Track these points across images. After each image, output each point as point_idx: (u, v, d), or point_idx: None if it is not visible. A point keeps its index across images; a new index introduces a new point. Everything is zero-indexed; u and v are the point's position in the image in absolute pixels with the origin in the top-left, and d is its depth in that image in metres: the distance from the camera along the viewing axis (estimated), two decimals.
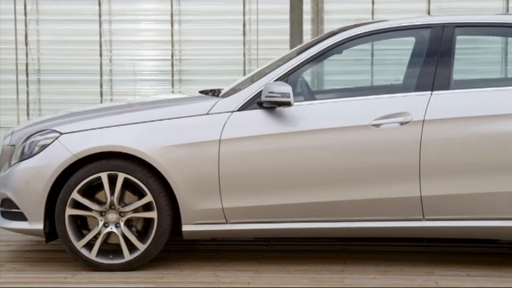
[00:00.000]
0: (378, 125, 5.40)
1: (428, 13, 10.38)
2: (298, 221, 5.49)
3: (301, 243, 6.31)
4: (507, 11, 10.14)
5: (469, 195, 5.34)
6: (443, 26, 5.59)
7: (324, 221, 5.48)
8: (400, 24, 5.72)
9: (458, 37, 5.60)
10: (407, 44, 5.93)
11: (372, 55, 10.59)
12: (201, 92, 6.32)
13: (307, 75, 9.30)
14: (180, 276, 5.44)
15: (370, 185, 5.39)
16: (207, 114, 5.53)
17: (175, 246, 6.21)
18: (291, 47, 9.30)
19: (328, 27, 10.34)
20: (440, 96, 5.43)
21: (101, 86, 11.22)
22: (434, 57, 5.53)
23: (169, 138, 5.47)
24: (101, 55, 11.17)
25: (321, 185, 5.42)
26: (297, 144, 5.44)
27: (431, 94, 5.44)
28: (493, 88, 5.52)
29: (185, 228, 5.50)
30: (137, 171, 5.45)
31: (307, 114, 5.49)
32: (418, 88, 5.49)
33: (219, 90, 6.06)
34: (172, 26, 11.00)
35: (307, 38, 10.05)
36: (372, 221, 5.46)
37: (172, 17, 10.98)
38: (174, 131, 5.49)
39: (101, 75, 11.20)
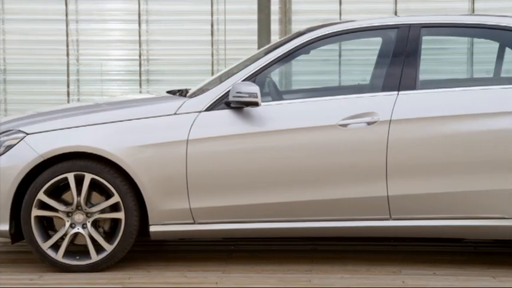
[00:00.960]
0: (345, 125, 5.42)
1: (395, 14, 10.44)
2: (266, 221, 5.50)
3: (269, 243, 6.32)
4: (473, 12, 10.23)
5: (435, 195, 5.38)
6: (409, 27, 5.63)
7: (291, 221, 5.49)
8: (366, 25, 5.75)
9: (424, 37, 5.64)
10: (375, 44, 5.96)
11: (340, 55, 10.63)
12: (168, 92, 6.31)
13: (275, 75, 9.31)
14: (148, 276, 5.42)
15: (338, 185, 5.41)
16: (175, 114, 5.52)
17: (143, 247, 6.19)
18: (259, 47, 9.30)
19: (295, 28, 10.36)
20: (407, 97, 5.47)
21: (68, 86, 11.15)
22: (400, 57, 5.56)
23: (136, 139, 5.45)
24: (67, 55, 11.09)
25: (289, 185, 5.43)
26: (264, 144, 5.45)
27: (397, 94, 5.48)
28: (459, 88, 5.57)
29: (153, 228, 5.49)
30: (104, 172, 5.42)
31: (275, 114, 5.50)
32: (385, 88, 5.53)
33: (187, 90, 6.05)
34: (139, 25, 10.96)
35: (275, 38, 10.05)
36: (340, 220, 5.48)
37: (139, 17, 10.94)
38: (141, 131, 5.47)
39: (68, 75, 11.12)
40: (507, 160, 5.32)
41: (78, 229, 5.48)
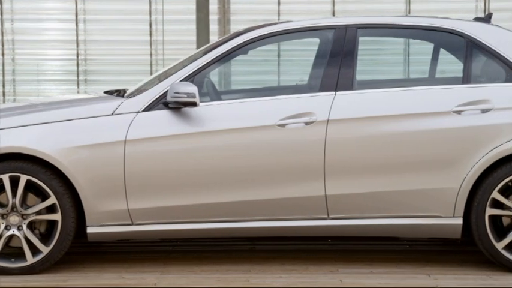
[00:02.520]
0: (283, 125, 5.44)
1: (333, 14, 10.51)
2: (205, 221, 5.50)
3: (208, 244, 6.31)
4: (409, 13, 10.36)
5: (372, 194, 5.44)
6: (346, 27, 5.68)
7: (230, 221, 5.50)
8: (304, 25, 5.79)
9: (361, 38, 5.69)
10: (314, 44, 6.01)
11: (279, 55, 10.66)
12: (106, 92, 6.26)
13: (214, 76, 9.31)
14: (85, 278, 5.37)
15: (276, 185, 5.43)
16: (112, 114, 5.48)
17: (80, 248, 6.12)
18: (198, 47, 9.28)
19: (234, 28, 10.36)
20: (344, 97, 5.52)
21: (3, 86, 10.97)
22: (337, 58, 5.61)
23: (73, 139, 5.40)
24: (3, 54, 10.92)
25: (227, 185, 5.43)
26: (203, 144, 5.44)
27: (335, 94, 5.52)
28: (396, 88, 5.63)
29: (90, 230, 5.44)
30: (40, 173, 5.35)
31: (213, 114, 5.50)
32: (323, 88, 5.57)
33: (125, 91, 6.02)
34: (77, 25, 10.84)
35: (214, 38, 10.03)
36: (278, 220, 5.50)
37: (77, 16, 10.82)
38: (78, 131, 5.42)
39: (3, 75, 10.95)
40: (442, 159, 5.40)
41: (14, 231, 5.40)
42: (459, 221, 5.44)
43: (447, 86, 5.58)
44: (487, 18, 5.91)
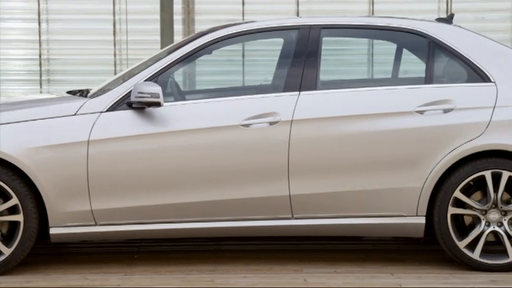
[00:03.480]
0: (247, 125, 5.45)
1: (297, 15, 10.54)
2: (169, 221, 5.48)
3: (172, 244, 6.30)
4: (372, 14, 10.42)
5: (335, 194, 5.46)
6: (309, 28, 5.70)
7: (195, 221, 5.49)
8: (268, 26, 5.80)
9: (324, 38, 5.72)
10: (279, 44, 6.02)
11: (243, 56, 10.67)
12: (69, 92, 6.22)
13: (179, 76, 9.28)
14: (48, 280, 5.33)
15: (241, 185, 5.43)
16: (75, 115, 5.45)
17: (43, 250, 6.07)
18: (162, 47, 9.25)
19: (199, 28, 10.34)
20: (308, 97, 5.54)
21: None
22: (301, 58, 5.63)
23: (36, 140, 5.36)
24: None
25: (192, 185, 5.42)
26: (166, 144, 5.43)
27: (299, 94, 5.54)
28: (359, 89, 5.66)
29: (53, 231, 5.40)
30: (2, 174, 5.31)
31: (177, 114, 5.49)
32: (287, 88, 5.58)
33: (88, 91, 5.98)
34: (39, 25, 10.75)
35: (178, 38, 10.01)
36: (243, 220, 5.50)
37: (39, 16, 10.73)
38: (41, 132, 5.38)
39: None
40: (405, 159, 5.44)
41: None
42: (422, 220, 5.49)
43: (410, 86, 5.62)
44: (449, 19, 5.96)
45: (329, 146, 5.46)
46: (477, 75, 5.58)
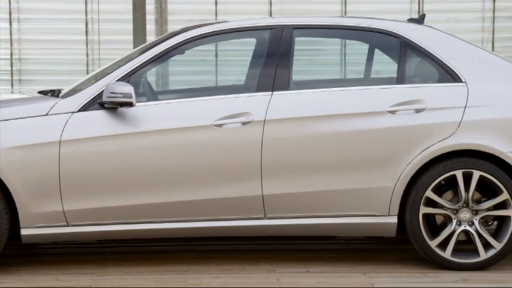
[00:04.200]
0: (220, 125, 5.45)
1: (270, 15, 10.55)
2: (142, 222, 5.47)
3: (145, 244, 6.28)
4: (345, 14, 10.45)
5: (308, 193, 5.47)
6: (282, 28, 5.71)
7: (167, 221, 5.48)
8: (240, 26, 5.80)
9: (297, 38, 5.73)
10: (252, 45, 6.02)
11: (216, 56, 10.66)
12: (40, 92, 6.18)
13: (151, 76, 9.25)
14: (20, 281, 5.30)
15: (214, 185, 5.43)
16: (47, 115, 5.42)
17: (14, 251, 6.03)
18: (135, 47, 9.22)
19: (171, 28, 10.32)
20: (281, 97, 5.54)
21: None
22: (274, 58, 5.64)
23: (6, 140, 5.32)
24: None
25: (164, 185, 5.41)
26: (139, 145, 5.41)
27: (271, 94, 5.54)
28: (332, 89, 5.68)
29: (24, 232, 5.37)
30: None
31: (150, 114, 5.48)
32: (259, 88, 5.58)
33: (59, 91, 5.95)
34: (10, 24, 10.67)
35: (151, 38, 9.98)
36: (216, 220, 5.50)
37: (10, 15, 10.65)
38: (12, 132, 5.35)
39: None
40: (377, 159, 5.46)
41: None
42: (394, 219, 5.51)
43: (382, 86, 5.64)
44: (420, 20, 5.99)
45: (301, 146, 5.47)
46: (448, 75, 5.62)
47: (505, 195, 5.45)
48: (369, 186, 5.48)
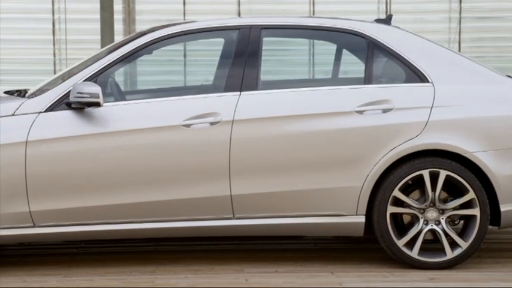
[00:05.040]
0: (188, 125, 5.44)
1: (239, 15, 10.55)
2: (109, 222, 5.44)
3: (112, 245, 6.25)
4: (313, 14, 10.48)
5: (277, 193, 5.48)
6: (250, 28, 5.71)
7: (135, 222, 5.46)
8: (208, 26, 5.79)
9: (265, 38, 5.74)
10: (221, 45, 6.01)
11: (185, 56, 10.64)
12: (6, 92, 6.13)
13: (119, 76, 9.21)
14: None
15: (182, 185, 5.42)
16: (13, 115, 5.38)
17: None
18: (102, 46, 9.17)
19: (140, 28, 10.27)
20: (249, 97, 5.55)
21: None
22: (242, 58, 5.64)
23: None
24: None
25: (132, 186, 5.39)
26: (106, 145, 5.39)
27: (240, 94, 5.54)
28: (300, 89, 5.69)
29: None
30: None
31: (118, 114, 5.45)
32: (228, 89, 5.58)
33: (26, 91, 5.91)
34: None
35: (119, 38, 9.93)
36: (184, 220, 5.49)
37: None
38: None
39: None
40: (345, 159, 5.48)
41: None
42: (362, 219, 5.54)
43: (350, 86, 5.66)
44: (387, 20, 6.03)
45: (270, 146, 5.47)
46: (415, 75, 5.65)
47: (471, 195, 5.50)
48: (337, 186, 5.50)
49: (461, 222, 5.69)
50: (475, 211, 5.52)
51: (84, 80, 5.49)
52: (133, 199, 5.41)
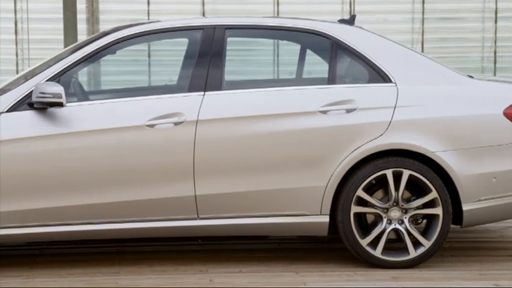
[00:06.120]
0: (152, 126, 5.42)
1: (203, 15, 10.55)
2: (73, 223, 5.41)
3: (75, 246, 6.21)
4: (277, 14, 10.50)
5: (240, 193, 5.48)
6: (214, 28, 5.71)
7: (98, 222, 5.43)
8: (172, 25, 5.78)
9: (229, 39, 5.73)
10: (185, 45, 6.00)
11: (149, 56, 10.61)
12: None
13: (83, 76, 9.16)
14: None
15: (147, 186, 5.40)
16: None
17: None
18: (66, 46, 9.11)
19: (103, 27, 10.23)
20: (213, 97, 5.54)
21: None
22: (206, 58, 5.63)
23: None
24: None
25: (95, 186, 5.36)
26: (70, 145, 5.36)
27: (204, 95, 5.54)
28: (264, 89, 5.70)
29: None
30: None
31: (81, 115, 5.42)
32: (192, 89, 5.57)
33: None
34: None
35: (82, 37, 9.87)
36: (148, 221, 5.47)
37: None
38: None
39: None
40: (309, 159, 5.50)
41: None
42: (326, 218, 5.55)
43: (313, 87, 5.68)
44: (351, 20, 6.05)
45: (234, 146, 5.47)
46: (378, 75, 5.69)
47: (433, 194, 5.54)
48: (301, 186, 5.51)
49: (424, 221, 5.73)
50: (438, 210, 5.57)
51: (46, 80, 5.45)
52: (97, 200, 5.38)
